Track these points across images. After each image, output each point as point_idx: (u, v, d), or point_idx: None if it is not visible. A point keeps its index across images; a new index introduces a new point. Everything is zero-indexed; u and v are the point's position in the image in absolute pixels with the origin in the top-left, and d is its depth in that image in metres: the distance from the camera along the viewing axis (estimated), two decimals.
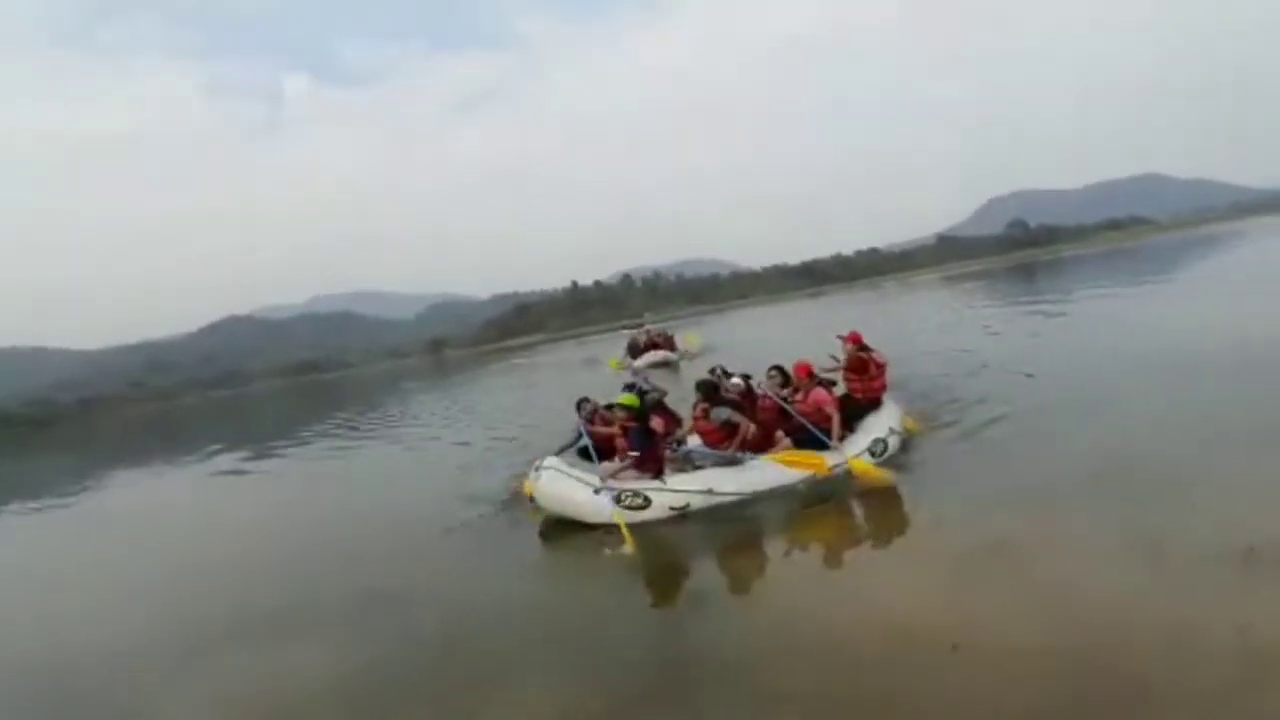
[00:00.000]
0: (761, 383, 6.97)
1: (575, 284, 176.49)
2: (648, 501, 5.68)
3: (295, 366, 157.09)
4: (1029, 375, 9.12)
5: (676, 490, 5.80)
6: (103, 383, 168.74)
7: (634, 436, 6.06)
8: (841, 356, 7.33)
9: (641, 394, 6.90)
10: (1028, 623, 3.28)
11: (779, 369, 6.90)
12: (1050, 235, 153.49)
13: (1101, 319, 14.62)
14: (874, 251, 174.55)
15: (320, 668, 4.32)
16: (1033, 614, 3.34)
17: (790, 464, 5.95)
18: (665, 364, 20.84)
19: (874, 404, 6.95)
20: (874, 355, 7.04)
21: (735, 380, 7.31)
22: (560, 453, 6.83)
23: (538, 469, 6.31)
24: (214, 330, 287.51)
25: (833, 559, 5.01)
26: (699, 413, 6.48)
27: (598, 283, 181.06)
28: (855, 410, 6.84)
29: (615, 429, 6.48)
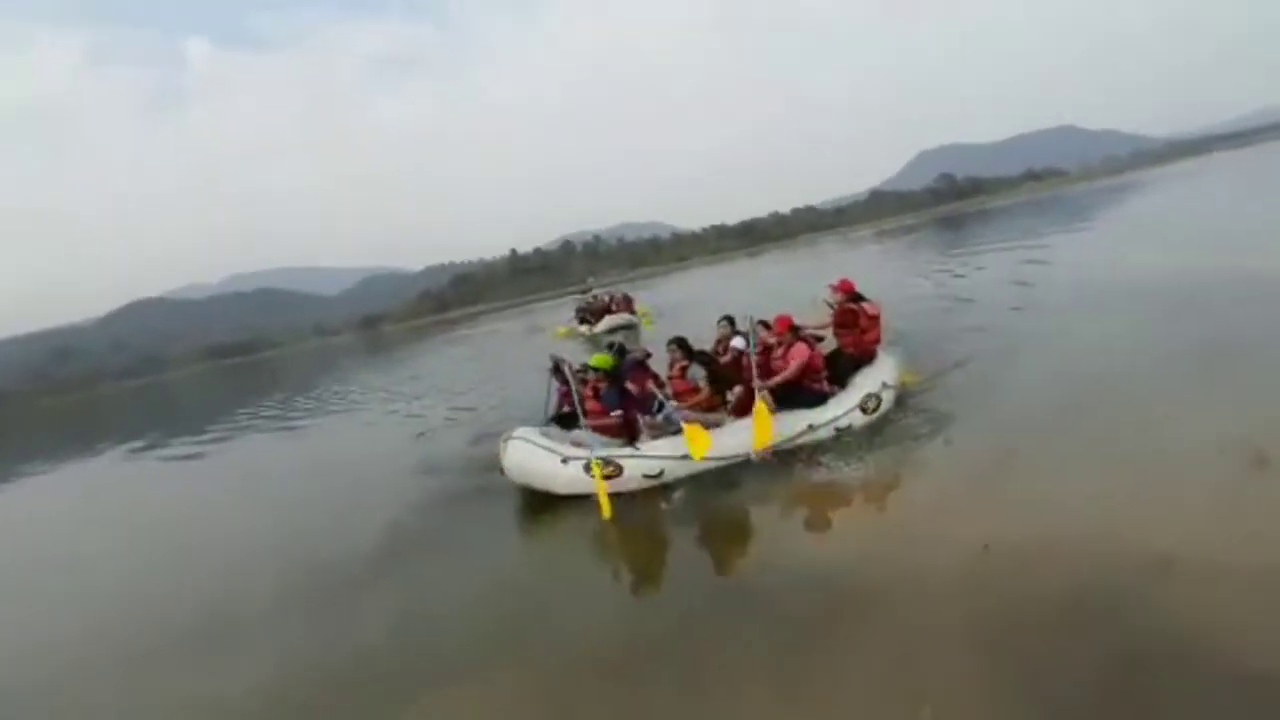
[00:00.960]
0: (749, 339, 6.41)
1: (514, 252, 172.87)
2: (619, 469, 5.23)
3: (218, 349, 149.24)
4: (1015, 309, 9.83)
5: (650, 456, 5.32)
6: (8, 375, 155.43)
7: (606, 398, 5.59)
8: (831, 306, 6.80)
9: (621, 352, 6.42)
10: (1037, 527, 3.66)
11: (763, 323, 6.40)
12: (976, 187, 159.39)
13: (1045, 261, 14.84)
14: (810, 209, 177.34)
15: (262, 675, 3.85)
16: (1038, 520, 3.75)
17: (764, 427, 5.41)
18: (628, 328, 19.50)
19: (868, 358, 6.41)
20: (865, 306, 6.54)
21: (738, 340, 6.55)
22: (549, 422, 6.32)
23: (506, 439, 5.88)
24: (123, 315, 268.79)
25: (824, 515, 4.71)
26: (675, 371, 6.02)
27: (538, 250, 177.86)
28: (848, 365, 6.32)
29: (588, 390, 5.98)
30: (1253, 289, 7.80)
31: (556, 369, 6.57)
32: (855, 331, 6.42)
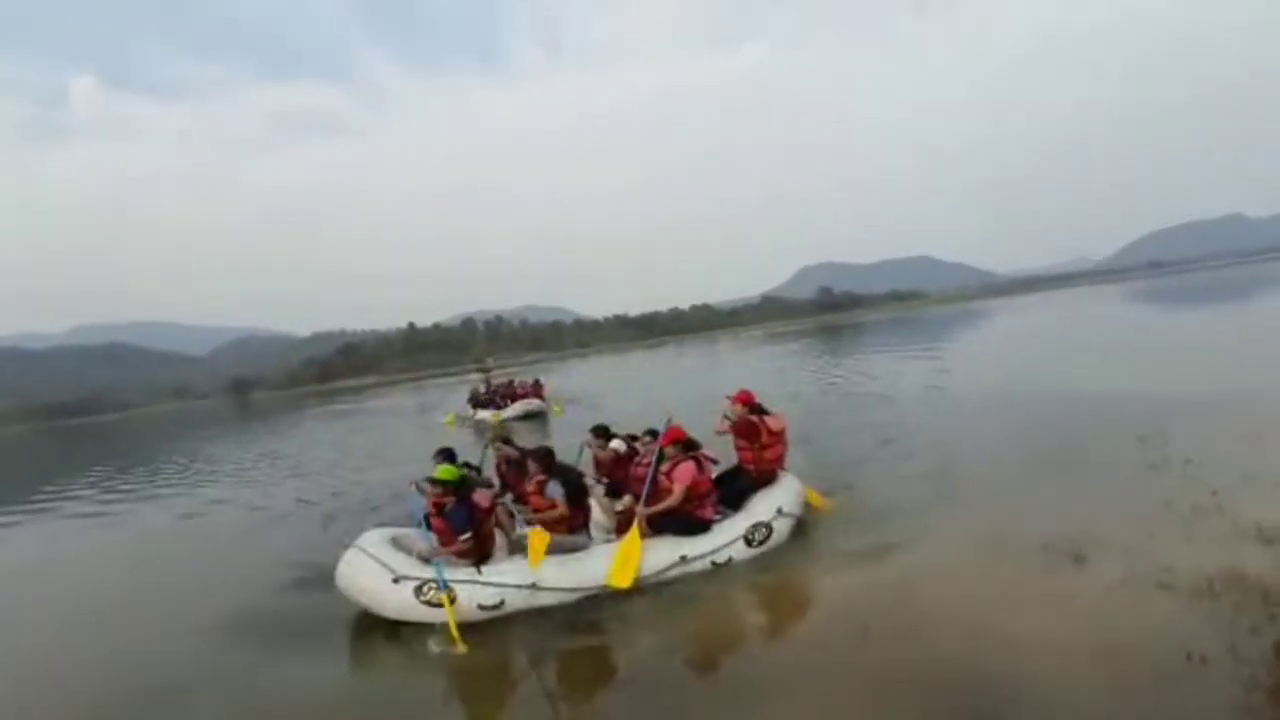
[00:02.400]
0: (645, 444, 5.88)
1: (412, 325, 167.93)
2: (453, 595, 4.50)
3: (54, 407, 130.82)
4: (903, 414, 10.65)
5: (490, 583, 4.58)
6: None
7: (453, 516, 4.80)
8: (730, 418, 6.08)
9: (454, 460, 5.81)
10: (910, 609, 4.19)
11: (650, 432, 5.86)
12: (852, 300, 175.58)
13: (921, 372, 16.54)
14: (707, 307, 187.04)
15: None
16: (910, 604, 4.26)
17: (628, 557, 4.73)
18: (538, 415, 18.46)
19: (768, 478, 5.78)
20: (768, 420, 5.84)
21: (616, 443, 6.21)
22: (422, 524, 5.22)
23: (346, 546, 5.21)
24: None
25: (705, 653, 4.18)
26: (533, 486, 5.17)
27: (437, 325, 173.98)
28: (745, 484, 5.71)
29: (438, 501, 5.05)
30: (1079, 407, 9.45)
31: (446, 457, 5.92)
32: (756, 446, 5.80)
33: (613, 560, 4.75)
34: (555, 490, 5.04)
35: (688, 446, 5.25)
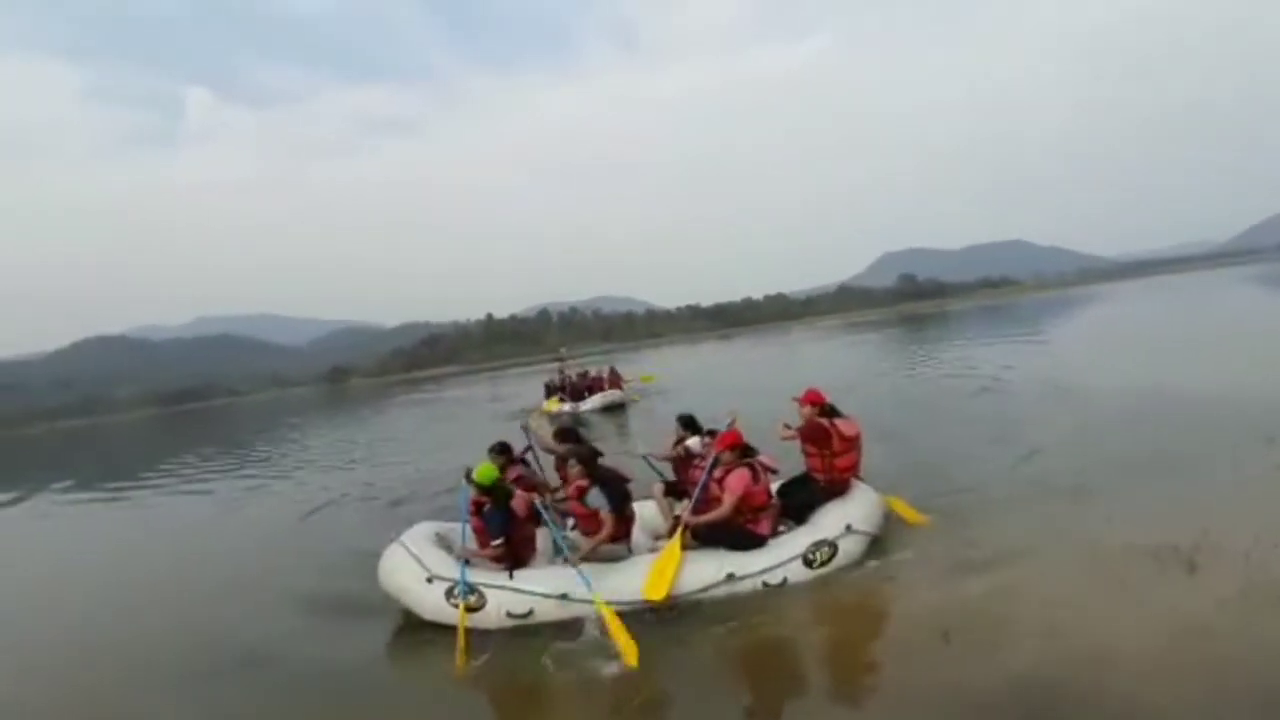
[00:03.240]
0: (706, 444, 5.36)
1: (490, 316, 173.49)
2: (483, 601, 4.33)
3: (169, 394, 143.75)
4: (998, 410, 9.66)
5: (520, 590, 4.35)
6: None
7: (488, 518, 4.62)
8: (796, 422, 5.40)
9: (510, 457, 5.53)
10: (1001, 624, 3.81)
11: (709, 433, 5.52)
12: (937, 289, 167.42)
13: (1016, 364, 15.08)
14: (781, 297, 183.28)
15: None
16: (1003, 618, 3.88)
17: (665, 568, 4.28)
18: (619, 406, 16.95)
19: (838, 489, 5.08)
20: (840, 424, 5.11)
21: (694, 441, 5.58)
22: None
23: (392, 539, 5.12)
24: (73, 352, 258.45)
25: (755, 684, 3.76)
26: (573, 491, 4.81)
27: (514, 316, 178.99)
28: (812, 495, 5.07)
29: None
30: (1198, 404, 8.43)
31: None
32: (826, 454, 5.07)
33: (649, 571, 4.34)
34: (597, 499, 4.66)
35: (744, 452, 4.76)
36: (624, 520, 4.80)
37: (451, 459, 12.00)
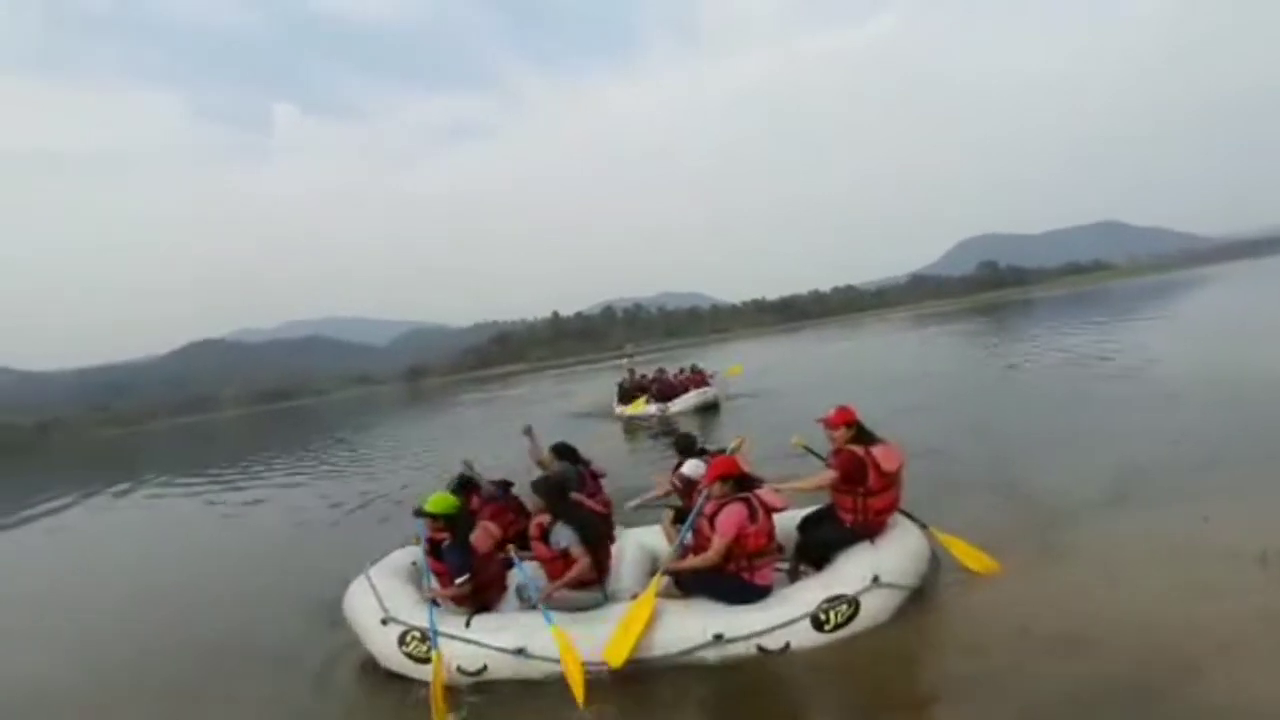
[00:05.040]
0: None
1: (557, 314, 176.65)
2: (434, 651, 3.77)
3: (265, 393, 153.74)
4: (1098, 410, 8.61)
5: (473, 641, 3.76)
6: (65, 405, 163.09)
7: (447, 557, 4.05)
8: (826, 448, 4.40)
9: (474, 487, 4.94)
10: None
11: (703, 451, 4.92)
12: (1019, 276, 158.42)
13: (1113, 355, 13.96)
14: (850, 289, 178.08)
15: None
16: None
17: (630, 626, 3.58)
18: (710, 407, 15.10)
19: (871, 531, 4.12)
20: (878, 452, 4.09)
21: (692, 464, 4.64)
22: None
23: (365, 568, 4.61)
24: (183, 354, 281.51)
25: None
26: (534, 529, 4.11)
27: (579, 313, 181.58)
28: (835, 535, 4.16)
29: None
30: None
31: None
32: (859, 491, 4.08)
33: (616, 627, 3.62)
34: (562, 536, 3.91)
35: (740, 484, 3.89)
36: (594, 564, 3.99)
37: (515, 458, 12.16)
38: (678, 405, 15.15)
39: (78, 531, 13.26)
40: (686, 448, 5.03)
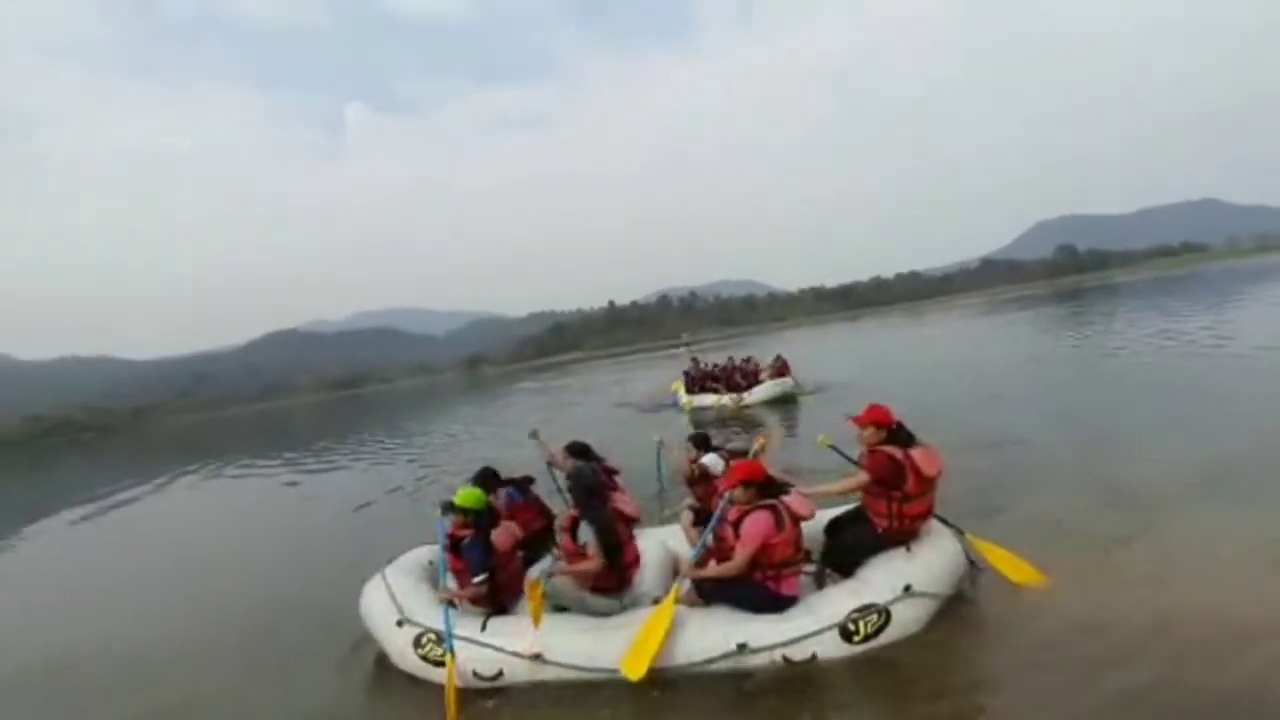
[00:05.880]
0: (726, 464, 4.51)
1: (612, 304, 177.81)
2: (449, 654, 3.65)
3: (335, 381, 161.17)
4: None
5: (489, 645, 3.64)
6: (155, 392, 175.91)
7: (467, 554, 3.96)
8: (857, 448, 4.14)
9: (500, 482, 4.80)
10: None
11: (730, 453, 4.75)
12: (1100, 260, 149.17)
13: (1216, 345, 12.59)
14: (914, 275, 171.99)
15: None
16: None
17: (649, 637, 3.41)
18: (788, 399, 14.09)
19: (905, 537, 3.86)
20: (916, 455, 3.81)
21: (711, 458, 4.61)
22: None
23: (381, 567, 4.54)
24: (261, 344, 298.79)
25: None
26: (565, 521, 4.05)
27: (634, 303, 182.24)
28: (865, 540, 3.92)
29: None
30: None
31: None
32: (895, 496, 3.80)
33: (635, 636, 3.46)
34: (587, 533, 3.83)
35: (765, 490, 3.65)
36: (613, 570, 3.85)
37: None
38: (755, 395, 14.23)
39: (158, 511, 14.05)
40: (702, 443, 4.95)
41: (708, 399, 14.81)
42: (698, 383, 15.79)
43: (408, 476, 11.67)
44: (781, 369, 14.93)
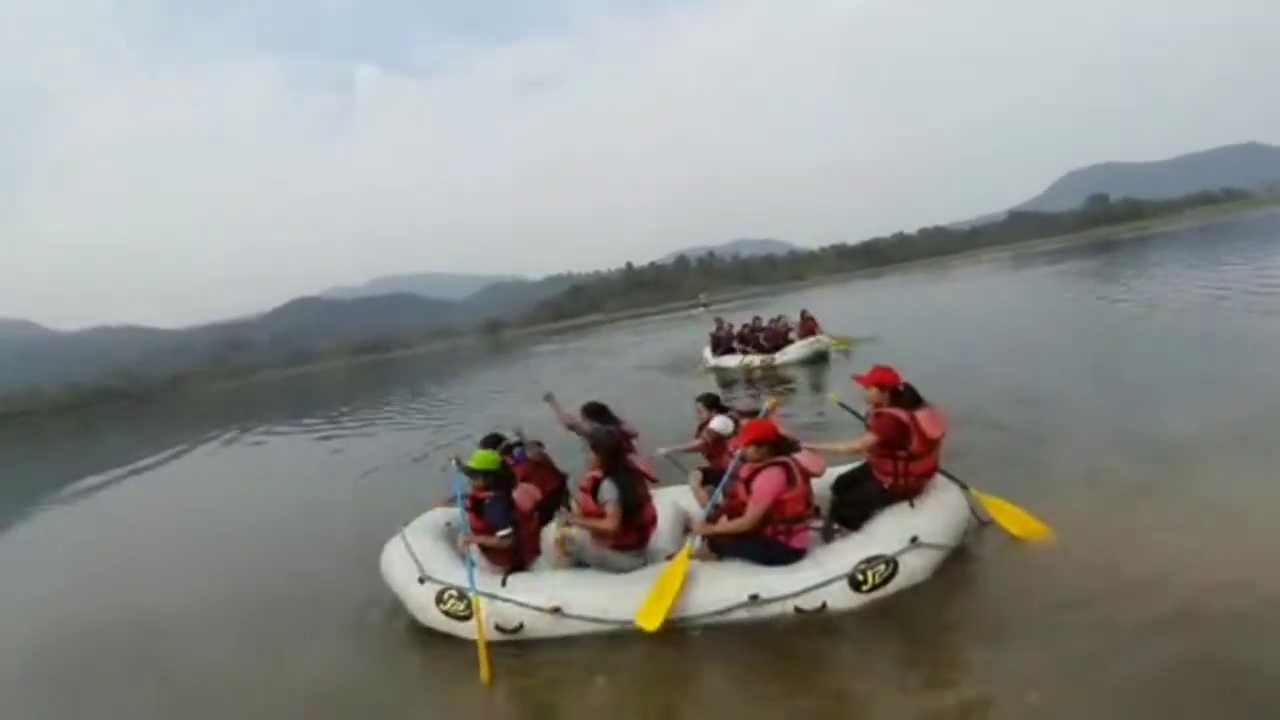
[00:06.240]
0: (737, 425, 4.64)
1: (630, 265, 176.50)
2: (469, 610, 3.76)
3: (359, 346, 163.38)
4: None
5: (510, 600, 3.75)
6: (188, 360, 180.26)
7: (490, 514, 4.03)
8: (865, 409, 4.26)
9: (509, 447, 4.93)
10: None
11: (740, 414, 4.80)
12: (1134, 210, 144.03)
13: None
14: (939, 230, 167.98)
15: None
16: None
17: (664, 590, 3.53)
18: (818, 359, 13.61)
19: (911, 493, 3.98)
20: (921, 416, 3.92)
21: (720, 421, 4.79)
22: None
23: (399, 528, 4.64)
24: (285, 311, 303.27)
25: None
26: (585, 481, 4.12)
27: (653, 264, 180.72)
28: (872, 495, 4.03)
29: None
30: None
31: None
32: (901, 454, 3.91)
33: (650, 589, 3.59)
34: (608, 492, 3.90)
35: (777, 448, 3.74)
36: (634, 528, 3.97)
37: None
38: (788, 355, 13.79)
39: (190, 474, 14.65)
40: (712, 403, 5.06)
41: (731, 359, 14.62)
42: (724, 342, 15.52)
43: (429, 440, 11.81)
44: (810, 326, 14.47)
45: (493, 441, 4.92)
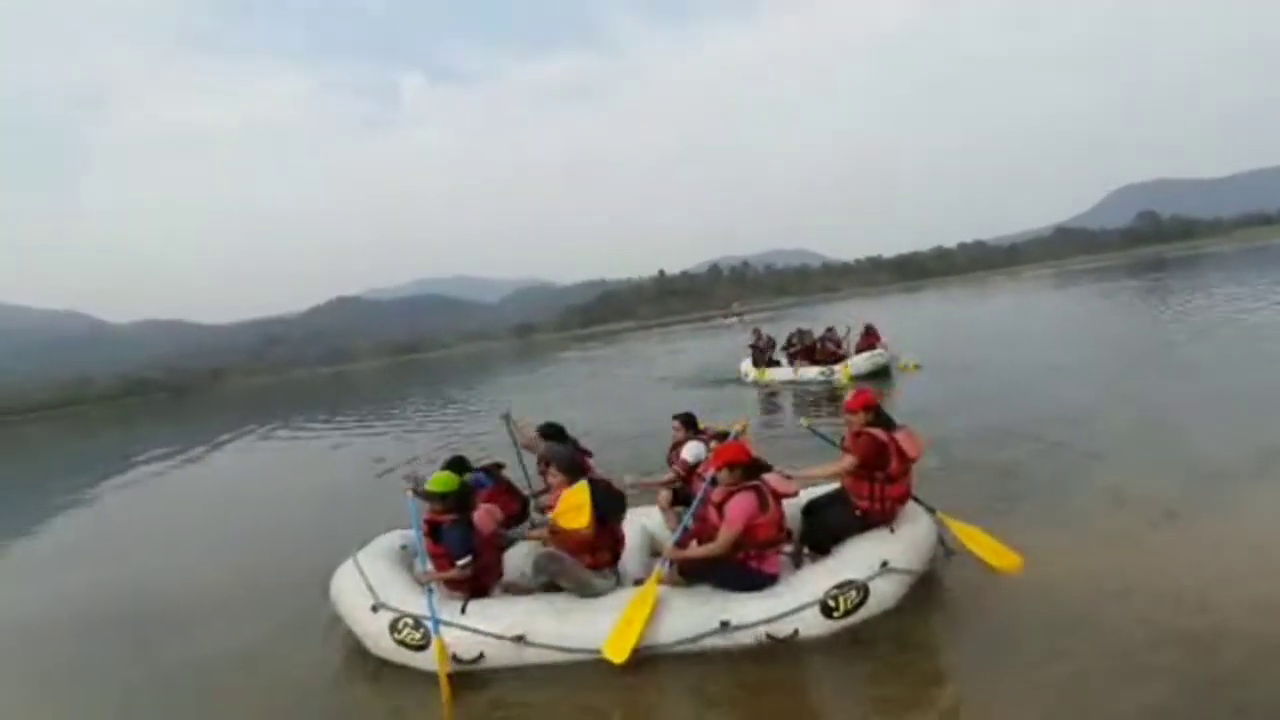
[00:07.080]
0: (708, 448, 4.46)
1: (662, 272, 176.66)
2: (426, 639, 3.57)
3: (395, 347, 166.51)
4: None
5: (469, 628, 3.55)
6: (228, 355, 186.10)
7: (449, 538, 3.82)
8: (831, 442, 4.41)
9: (464, 468, 4.51)
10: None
11: (717, 435, 4.63)
12: (1185, 229, 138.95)
13: None
14: (980, 245, 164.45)
15: None
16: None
17: (632, 618, 3.40)
18: (879, 373, 12.64)
19: (884, 519, 3.93)
20: (900, 438, 3.92)
21: (692, 446, 4.51)
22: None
23: (353, 552, 4.41)
24: (324, 310, 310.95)
25: None
26: (553, 500, 3.97)
27: (685, 272, 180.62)
28: (844, 521, 3.96)
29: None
30: None
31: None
32: (878, 478, 3.88)
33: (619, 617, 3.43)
34: (581, 495, 3.76)
35: (749, 471, 3.67)
36: (607, 542, 3.82)
37: (620, 420, 11.44)
38: (850, 367, 12.77)
39: (224, 465, 15.10)
40: (689, 423, 4.86)
41: (782, 372, 13.81)
42: (764, 354, 14.78)
43: (444, 443, 11.81)
44: (872, 339, 13.32)
45: (453, 464, 4.58)
